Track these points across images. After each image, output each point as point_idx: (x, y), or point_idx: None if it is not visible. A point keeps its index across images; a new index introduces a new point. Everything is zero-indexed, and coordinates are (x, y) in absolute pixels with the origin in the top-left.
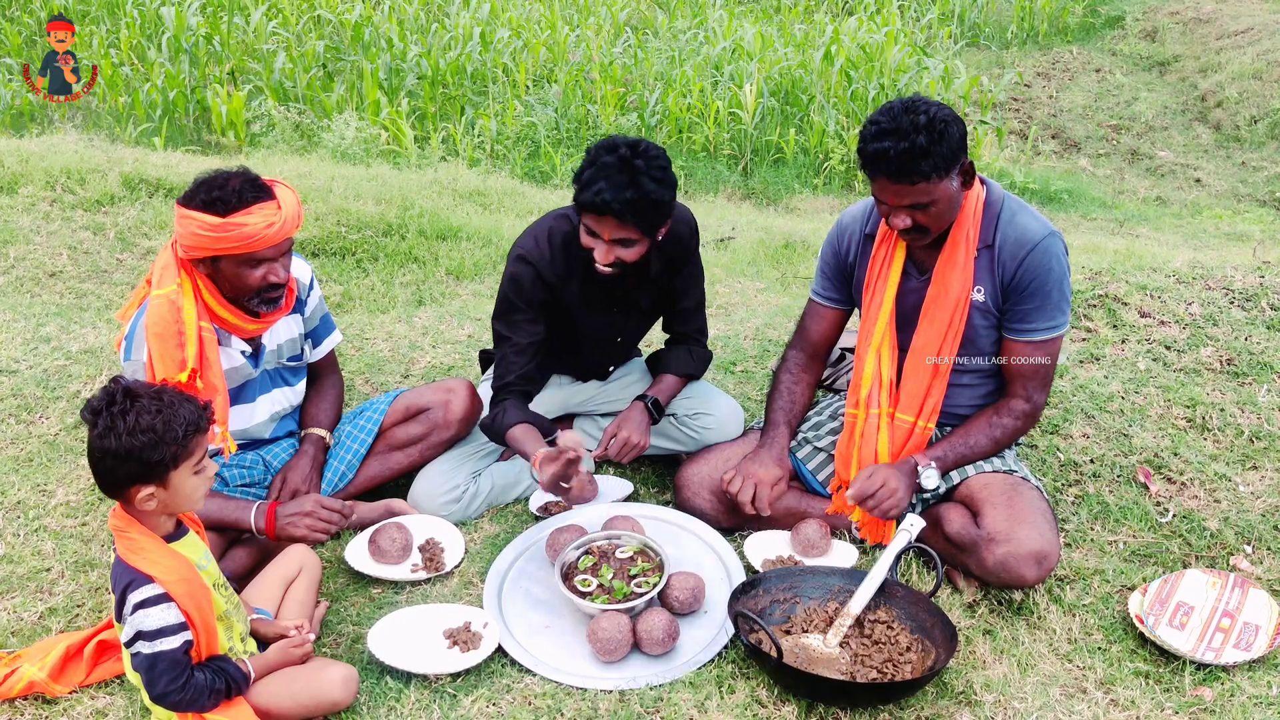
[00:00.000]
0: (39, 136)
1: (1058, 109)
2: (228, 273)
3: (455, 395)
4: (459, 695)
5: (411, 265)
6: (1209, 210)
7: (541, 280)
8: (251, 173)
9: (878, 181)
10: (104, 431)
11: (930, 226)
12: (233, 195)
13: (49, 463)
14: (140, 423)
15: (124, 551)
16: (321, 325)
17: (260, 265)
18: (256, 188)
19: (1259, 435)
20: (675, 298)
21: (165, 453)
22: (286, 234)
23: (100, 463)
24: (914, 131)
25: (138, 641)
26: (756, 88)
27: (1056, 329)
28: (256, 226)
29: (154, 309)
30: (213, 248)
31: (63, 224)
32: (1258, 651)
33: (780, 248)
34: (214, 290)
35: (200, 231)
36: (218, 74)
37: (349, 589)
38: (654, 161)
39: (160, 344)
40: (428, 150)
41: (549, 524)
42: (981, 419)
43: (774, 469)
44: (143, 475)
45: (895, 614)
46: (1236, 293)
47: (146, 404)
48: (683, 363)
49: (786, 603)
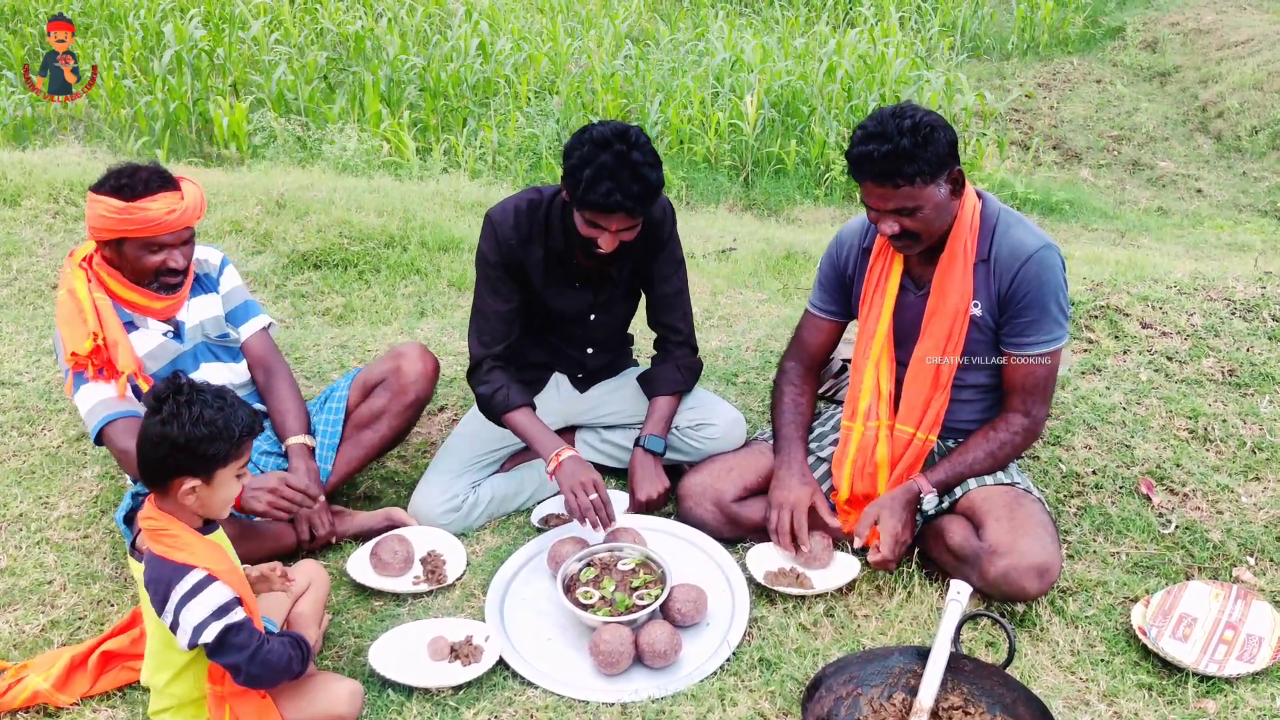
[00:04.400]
0: (42, 149)
1: (1059, 120)
2: (130, 255)
3: (405, 359)
4: (461, 708)
5: (413, 277)
6: (1210, 220)
7: (500, 242)
8: (162, 167)
9: (864, 185)
10: (168, 418)
11: (919, 233)
12: (140, 183)
13: (51, 475)
14: (204, 415)
15: (163, 549)
16: (242, 309)
17: (160, 251)
18: (163, 178)
19: (1261, 446)
20: (653, 283)
21: (220, 448)
22: (186, 222)
23: (156, 448)
24: (899, 135)
25: (203, 632)
26: (757, 99)
27: (1055, 342)
28: (159, 212)
29: (58, 305)
30: (117, 229)
31: (65, 236)
32: (1261, 663)
33: (781, 259)
34: (116, 274)
35: (106, 214)
36: (220, 86)
37: (351, 601)
38: (646, 148)
39: (68, 328)
40: (429, 162)
41: (551, 536)
42: (979, 436)
43: (802, 490)
44: (193, 467)
45: (969, 693)
46: (1238, 303)
47: (210, 399)
48: (670, 381)
49: (849, 698)
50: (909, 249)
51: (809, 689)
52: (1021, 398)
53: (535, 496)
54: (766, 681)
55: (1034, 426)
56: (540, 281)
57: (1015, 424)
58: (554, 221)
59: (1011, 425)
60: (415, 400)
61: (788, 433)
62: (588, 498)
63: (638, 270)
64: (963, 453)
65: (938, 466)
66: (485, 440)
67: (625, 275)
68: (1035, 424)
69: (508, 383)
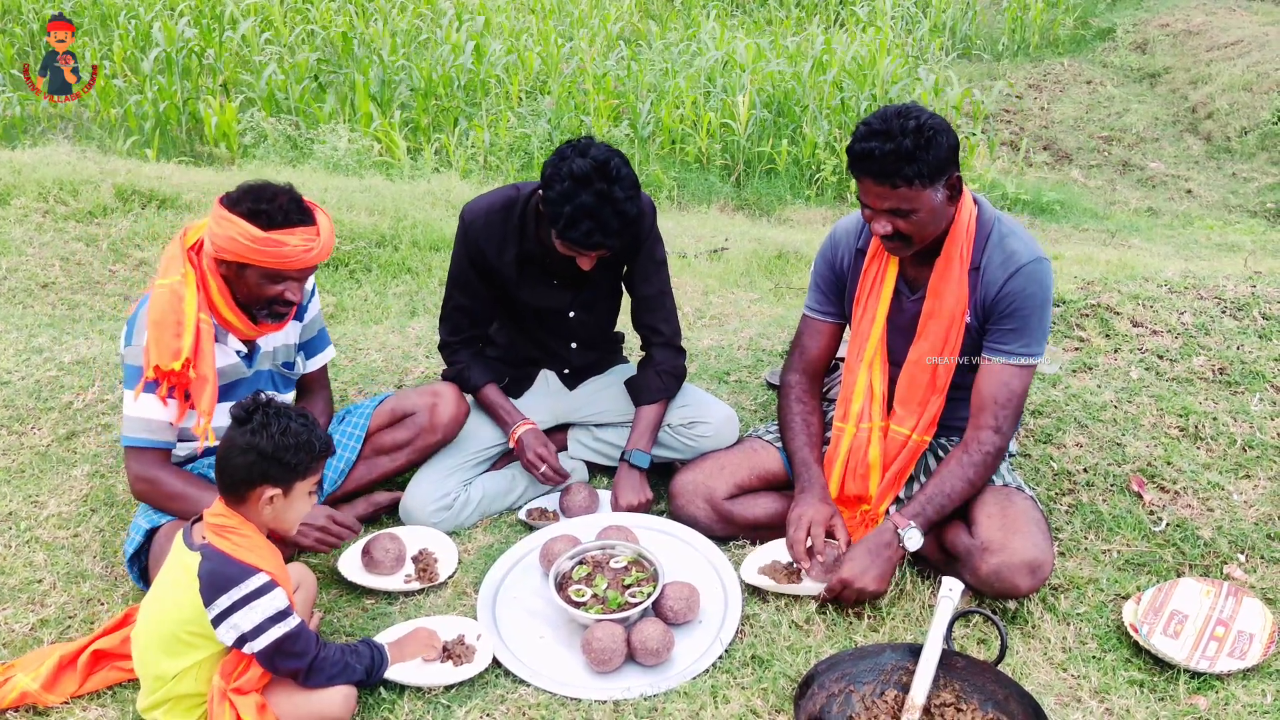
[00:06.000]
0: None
1: (1049, 120)
2: (250, 281)
3: (442, 399)
4: (453, 706)
5: (405, 276)
6: (1200, 221)
7: (470, 242)
8: (296, 192)
9: (862, 183)
10: (258, 428)
11: (912, 236)
12: (279, 211)
13: (41, 474)
14: (290, 427)
15: (231, 547)
16: (318, 338)
17: (282, 282)
18: (301, 209)
19: (1251, 444)
20: (634, 283)
21: (303, 460)
22: (319, 259)
23: (243, 454)
24: (902, 135)
25: (259, 636)
26: (749, 99)
27: (1031, 355)
28: (295, 248)
29: (156, 297)
30: (247, 256)
31: (55, 235)
32: (1252, 660)
33: (773, 258)
34: (225, 291)
35: (240, 238)
36: (210, 86)
37: (342, 600)
38: (626, 182)
39: (158, 331)
40: (420, 162)
41: (543, 534)
42: (951, 463)
43: (824, 509)
44: (275, 477)
45: (960, 689)
46: (1228, 302)
47: (294, 415)
48: (652, 389)
49: (842, 695)
50: (899, 251)
51: (801, 686)
52: (993, 413)
53: (527, 495)
54: (759, 679)
55: (1003, 447)
56: (514, 280)
57: (987, 443)
58: (529, 223)
59: (984, 445)
60: (440, 441)
61: (804, 456)
62: (539, 467)
63: (617, 269)
64: (938, 484)
65: (914, 501)
66: (477, 439)
67: (604, 274)
68: (1003, 445)
69: (470, 361)
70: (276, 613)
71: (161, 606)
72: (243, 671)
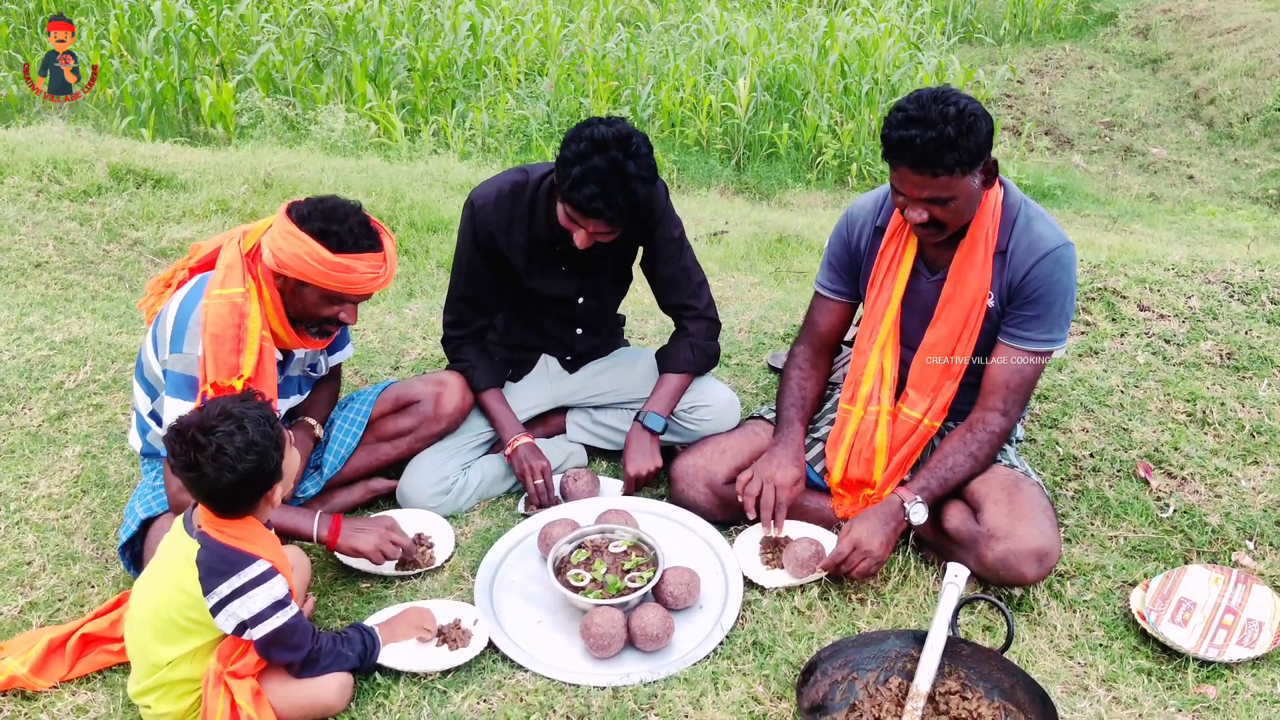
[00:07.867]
0: (26, 127)
1: (1051, 106)
2: (308, 299)
3: (447, 388)
4: (449, 691)
5: (402, 257)
6: (1202, 207)
7: (479, 226)
8: (364, 212)
9: (898, 171)
10: (216, 473)
11: (947, 223)
12: (349, 234)
13: (31, 455)
14: (238, 445)
15: (231, 539)
16: (342, 335)
17: (340, 304)
18: (369, 232)
19: (1260, 430)
20: (655, 266)
21: (272, 456)
22: (382, 286)
23: (228, 490)
24: (942, 121)
25: (259, 624)
26: (750, 82)
27: (1052, 343)
28: (362, 275)
29: (216, 309)
30: (311, 277)
31: (49, 214)
32: (1261, 648)
33: (774, 242)
34: (278, 303)
35: (307, 258)
36: (207, 66)
37: (337, 583)
38: (643, 161)
39: (217, 345)
40: (418, 143)
41: (541, 517)
42: (955, 440)
43: (791, 469)
44: (269, 479)
45: (965, 677)
46: (1236, 286)
47: (223, 429)
48: (681, 359)
49: (845, 681)
50: (933, 237)
51: (803, 673)
52: (1002, 396)
53: None
54: (760, 665)
55: (1009, 428)
56: (523, 266)
57: (993, 424)
58: (539, 206)
59: (989, 425)
60: (443, 431)
61: (789, 415)
62: (534, 483)
63: (628, 253)
64: (942, 459)
65: (919, 476)
66: (475, 423)
67: (614, 260)
68: (1009, 426)
69: (476, 360)
70: (276, 600)
71: (158, 592)
72: (240, 655)
